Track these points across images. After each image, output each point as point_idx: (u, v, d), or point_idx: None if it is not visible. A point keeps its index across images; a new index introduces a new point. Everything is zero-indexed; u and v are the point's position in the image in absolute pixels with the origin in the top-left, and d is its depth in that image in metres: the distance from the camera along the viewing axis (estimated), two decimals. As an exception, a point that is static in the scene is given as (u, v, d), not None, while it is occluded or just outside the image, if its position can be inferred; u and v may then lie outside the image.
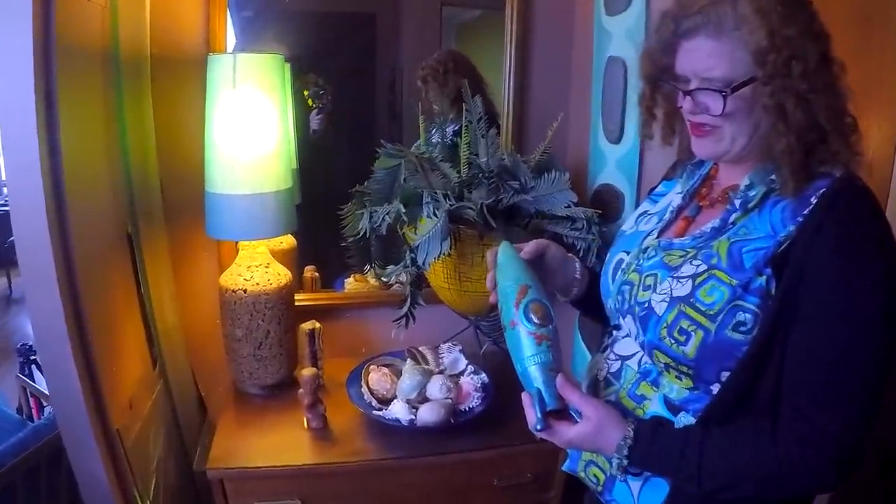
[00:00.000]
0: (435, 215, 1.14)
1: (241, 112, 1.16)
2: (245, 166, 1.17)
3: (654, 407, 0.79)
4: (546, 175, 1.21)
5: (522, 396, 0.78)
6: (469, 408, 1.23)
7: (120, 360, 1.17)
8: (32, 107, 0.92)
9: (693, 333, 0.73)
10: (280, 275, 1.30)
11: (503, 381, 1.33)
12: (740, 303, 0.71)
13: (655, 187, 0.98)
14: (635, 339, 0.83)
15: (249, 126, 1.17)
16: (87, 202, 1.07)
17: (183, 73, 1.34)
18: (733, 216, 0.77)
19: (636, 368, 0.82)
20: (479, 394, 1.25)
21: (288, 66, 1.44)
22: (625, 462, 0.75)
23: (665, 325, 0.75)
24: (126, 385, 1.18)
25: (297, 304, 1.41)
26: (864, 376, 0.68)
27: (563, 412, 0.76)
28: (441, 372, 1.29)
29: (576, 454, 0.90)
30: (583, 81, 1.43)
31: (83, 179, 1.06)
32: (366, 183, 1.35)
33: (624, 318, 0.85)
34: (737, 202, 0.78)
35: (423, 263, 1.12)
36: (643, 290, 0.80)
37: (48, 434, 1.47)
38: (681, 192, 0.89)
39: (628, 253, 0.87)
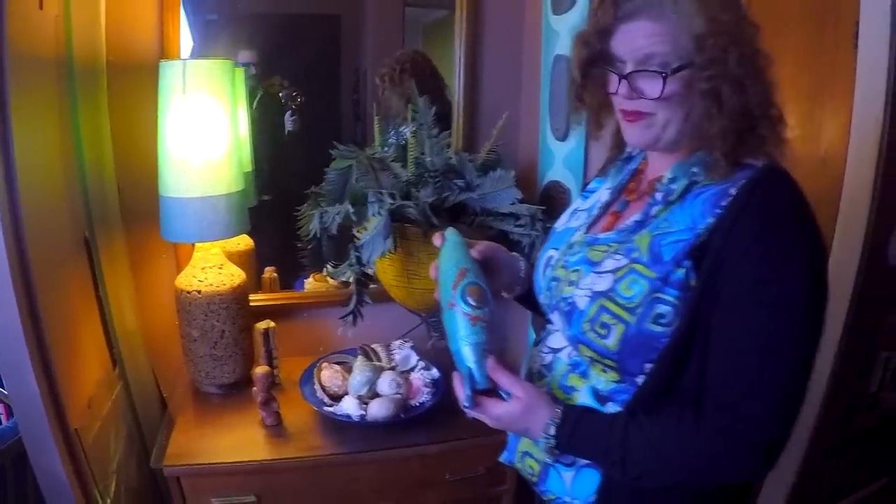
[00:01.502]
0: (379, 214, 1.23)
1: (192, 117, 1.25)
2: (196, 170, 1.26)
3: (583, 398, 0.83)
4: (492, 173, 1.30)
5: (453, 375, 0.83)
6: (419, 403, 1.32)
7: (78, 361, 1.26)
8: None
9: (614, 327, 0.76)
10: (234, 275, 1.40)
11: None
12: (659, 295, 0.74)
13: (588, 184, 1.03)
14: (562, 333, 0.88)
15: (200, 131, 1.25)
16: (42, 208, 1.16)
17: (139, 80, 1.43)
18: (655, 209, 0.81)
19: (566, 361, 0.87)
20: (429, 389, 1.34)
21: (242, 70, 1.53)
22: (552, 442, 0.79)
23: (587, 319, 0.79)
24: (85, 386, 1.27)
25: (254, 304, 1.50)
26: (785, 364, 0.71)
27: (492, 392, 0.81)
28: (392, 368, 1.37)
29: (513, 445, 0.96)
30: (533, 80, 1.52)
31: (38, 186, 1.15)
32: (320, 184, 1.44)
33: (552, 314, 0.90)
34: (658, 195, 0.81)
35: (368, 261, 1.21)
36: (567, 286, 0.84)
37: (12, 437, 1.55)
38: (609, 188, 0.93)
39: (557, 249, 0.92)
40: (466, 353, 0.80)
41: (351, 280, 1.32)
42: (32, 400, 1.12)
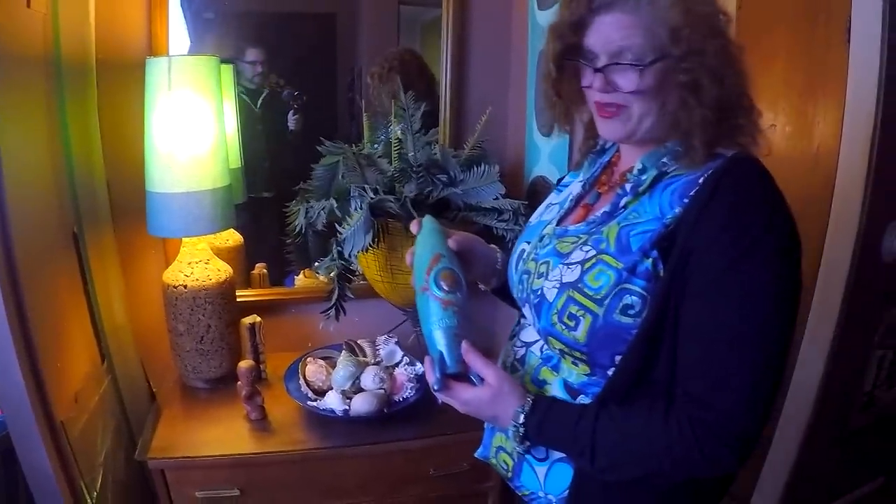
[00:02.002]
0: (360, 209, 1.25)
1: (177, 113, 1.28)
2: (181, 165, 1.28)
3: (555, 391, 0.84)
4: (475, 168, 1.31)
5: (425, 359, 0.83)
6: (403, 398, 1.34)
7: (66, 355, 1.29)
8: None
9: (582, 318, 0.76)
10: (220, 270, 1.42)
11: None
12: (627, 286, 0.74)
13: (562, 178, 1.04)
14: (533, 326, 0.88)
15: (185, 126, 1.28)
16: (29, 204, 1.19)
17: (127, 77, 1.46)
18: (624, 200, 0.81)
19: (538, 354, 0.87)
20: (413, 384, 1.36)
21: (230, 67, 1.56)
22: (521, 430, 0.79)
23: (556, 311, 0.79)
24: (72, 379, 1.29)
25: (243, 300, 1.52)
26: (755, 356, 0.70)
27: (463, 377, 0.81)
28: (377, 363, 1.39)
29: (488, 440, 0.96)
30: (520, 76, 1.53)
31: (25, 183, 1.18)
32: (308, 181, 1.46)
33: (524, 307, 0.90)
34: (628, 186, 0.81)
35: (349, 255, 1.23)
36: (537, 278, 0.84)
37: (3, 430, 1.59)
38: (581, 181, 0.94)
39: (529, 243, 0.92)
40: (438, 336, 0.80)
41: (333, 275, 1.34)
42: (18, 392, 1.15)
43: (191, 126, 1.29)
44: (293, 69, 1.66)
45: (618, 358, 0.77)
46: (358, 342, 1.44)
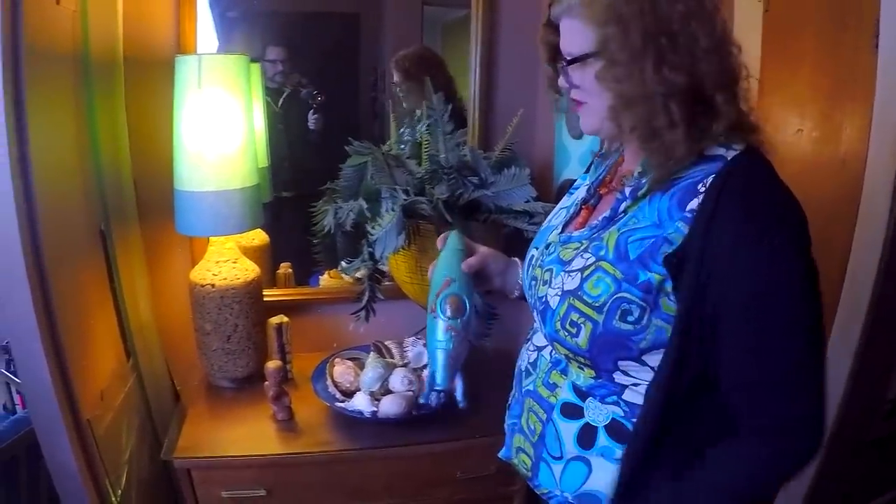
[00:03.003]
0: (392, 210, 1.20)
1: (207, 111, 1.23)
2: (211, 164, 1.24)
3: (565, 394, 0.83)
4: (506, 171, 1.27)
5: (425, 372, 0.84)
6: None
7: (92, 353, 1.24)
8: (1, 110, 0.99)
9: (583, 326, 0.76)
10: (248, 270, 1.37)
11: (467, 374, 1.38)
12: (625, 294, 0.73)
13: (574, 181, 1.00)
14: (541, 331, 0.88)
15: (215, 125, 1.23)
16: (57, 202, 1.14)
17: (155, 75, 1.41)
18: (623, 205, 0.79)
19: (548, 358, 0.87)
20: (441, 387, 1.31)
21: (259, 65, 1.51)
22: None
23: (558, 318, 0.79)
24: (98, 377, 1.25)
25: (269, 299, 1.47)
26: (805, 353, 0.71)
27: (450, 394, 0.88)
28: (404, 365, 1.35)
29: (509, 440, 0.95)
30: (549, 78, 1.48)
31: (54, 180, 1.14)
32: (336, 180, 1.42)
33: (533, 313, 0.88)
34: (627, 190, 0.79)
35: (380, 257, 1.18)
36: (542, 285, 0.84)
37: (27, 426, 1.55)
38: (587, 184, 0.92)
39: (538, 248, 0.91)
40: (437, 356, 0.85)
41: (364, 276, 1.29)
42: (45, 390, 1.11)
43: (221, 125, 1.24)
44: (316, 68, 1.62)
45: (621, 363, 0.77)
46: (385, 343, 1.40)
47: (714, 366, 0.73)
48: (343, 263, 1.38)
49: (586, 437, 0.81)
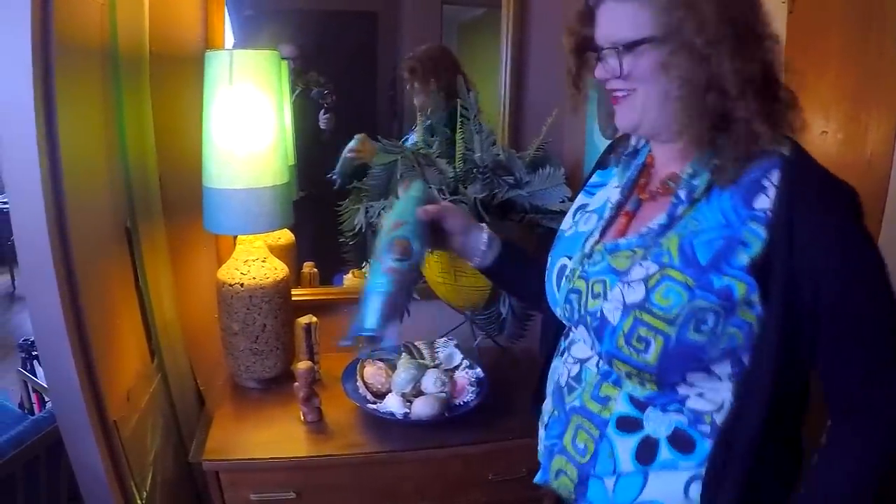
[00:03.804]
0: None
1: (238, 108, 1.17)
2: (242, 161, 1.18)
3: (620, 406, 0.75)
4: (541, 170, 1.22)
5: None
6: (463, 402, 1.24)
7: (117, 353, 1.19)
8: (31, 104, 0.93)
9: (653, 340, 0.68)
10: (277, 269, 1.32)
11: (498, 376, 1.34)
12: (700, 303, 0.67)
13: (590, 177, 0.92)
14: (591, 348, 0.79)
15: (246, 122, 1.18)
16: (85, 198, 1.09)
17: (182, 70, 1.35)
18: (680, 209, 0.72)
19: (595, 370, 0.78)
20: (473, 388, 1.26)
21: (286, 63, 1.45)
22: None
23: (622, 334, 0.71)
24: (124, 378, 1.19)
25: (294, 298, 1.41)
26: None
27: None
28: (436, 366, 1.29)
29: (546, 464, 0.87)
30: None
31: (82, 176, 1.08)
32: (363, 179, 1.36)
33: (576, 328, 0.80)
34: (682, 193, 0.73)
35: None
36: (593, 299, 0.75)
37: (48, 426, 1.49)
38: (618, 186, 0.83)
39: (571, 258, 0.81)
40: (371, 298, 0.78)
41: None
42: (72, 390, 1.05)
43: (252, 121, 1.18)
44: (333, 67, 1.55)
45: (689, 374, 0.71)
46: (415, 344, 1.34)
47: (807, 362, 0.69)
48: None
49: (646, 452, 0.73)
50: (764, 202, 0.67)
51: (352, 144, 1.48)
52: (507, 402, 1.29)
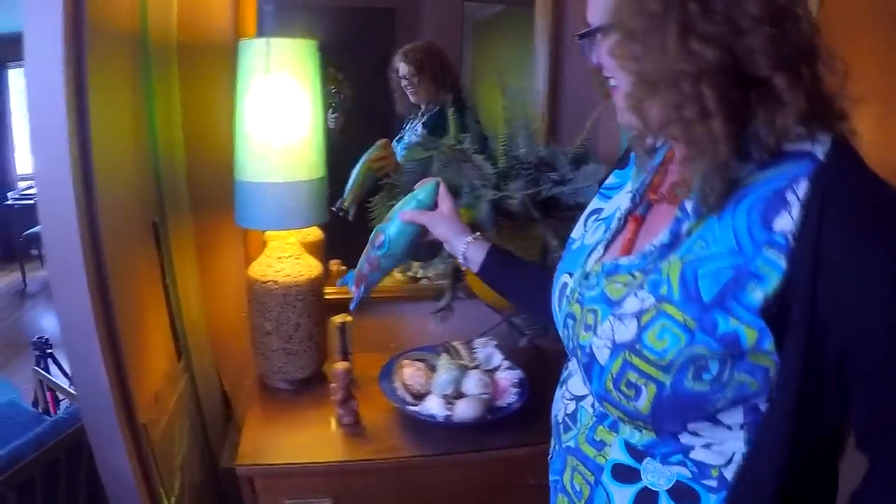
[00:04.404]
0: (474, 206, 1.07)
1: (275, 98, 1.09)
2: (278, 154, 1.10)
3: (615, 454, 0.64)
4: (584, 167, 1.14)
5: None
6: (506, 404, 1.16)
7: (146, 353, 1.10)
8: (62, 92, 0.85)
9: (644, 388, 0.57)
10: (311, 266, 1.23)
11: (539, 377, 1.26)
12: (700, 349, 0.54)
13: (606, 177, 0.78)
14: (584, 384, 0.68)
15: (283, 112, 1.09)
16: (114, 190, 1.00)
17: (210, 61, 1.27)
18: (685, 225, 0.58)
19: (591, 411, 0.68)
20: (515, 390, 1.18)
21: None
22: None
23: (610, 377, 0.59)
24: (152, 379, 1.10)
25: (327, 297, 1.33)
26: None
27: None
28: (475, 367, 1.21)
29: (553, 499, 0.78)
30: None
31: (111, 167, 0.99)
32: (395, 175, 1.28)
33: (570, 359, 0.71)
34: (687, 205, 0.59)
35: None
36: (584, 331, 0.63)
37: (68, 428, 1.39)
38: (630, 192, 0.70)
39: (572, 275, 0.70)
40: (355, 275, 0.96)
41: (445, 274, 1.15)
42: (100, 392, 0.96)
43: (289, 112, 1.10)
44: (349, 65, 1.47)
45: (691, 425, 0.58)
46: (453, 344, 1.26)
47: (837, 413, 0.55)
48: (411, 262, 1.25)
49: (645, 502, 0.62)
50: (786, 223, 0.52)
51: (374, 152, 1.38)
52: (543, 403, 1.22)
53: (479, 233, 0.90)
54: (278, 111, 1.09)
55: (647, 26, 0.53)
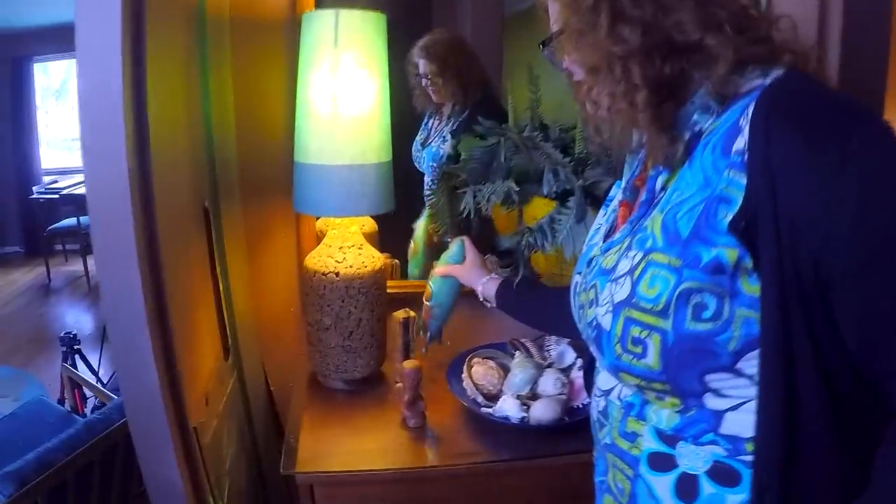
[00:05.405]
0: (555, 194, 0.93)
1: (344, 74, 0.94)
2: (346, 134, 0.95)
3: (648, 443, 0.60)
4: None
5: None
6: (583, 405, 1.01)
7: (196, 350, 0.94)
8: (119, 59, 0.70)
9: (649, 340, 0.54)
10: (374, 258, 1.08)
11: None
12: (690, 284, 0.52)
13: (608, 188, 0.77)
14: (601, 365, 0.66)
15: (352, 90, 0.95)
16: (168, 171, 0.85)
17: (264, 38, 1.12)
18: (660, 180, 0.59)
19: (618, 404, 0.64)
20: (593, 390, 1.04)
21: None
22: None
23: (616, 339, 0.57)
24: (201, 378, 0.95)
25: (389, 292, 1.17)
26: None
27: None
28: (549, 365, 1.07)
29: (599, 500, 0.74)
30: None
31: (165, 144, 0.84)
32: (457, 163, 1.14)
33: (591, 347, 0.66)
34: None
35: (568, 255, 0.91)
36: (589, 307, 0.62)
37: (101, 431, 1.23)
38: (623, 186, 0.69)
39: (580, 273, 0.68)
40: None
41: (520, 266, 1.01)
42: (150, 393, 0.81)
43: (358, 91, 0.95)
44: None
45: (708, 378, 0.53)
46: (523, 342, 1.11)
47: (836, 350, 0.49)
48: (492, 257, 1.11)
49: (687, 488, 0.58)
50: (740, 143, 0.51)
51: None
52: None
53: (493, 273, 0.97)
54: (347, 88, 0.94)
55: (586, 20, 0.55)
